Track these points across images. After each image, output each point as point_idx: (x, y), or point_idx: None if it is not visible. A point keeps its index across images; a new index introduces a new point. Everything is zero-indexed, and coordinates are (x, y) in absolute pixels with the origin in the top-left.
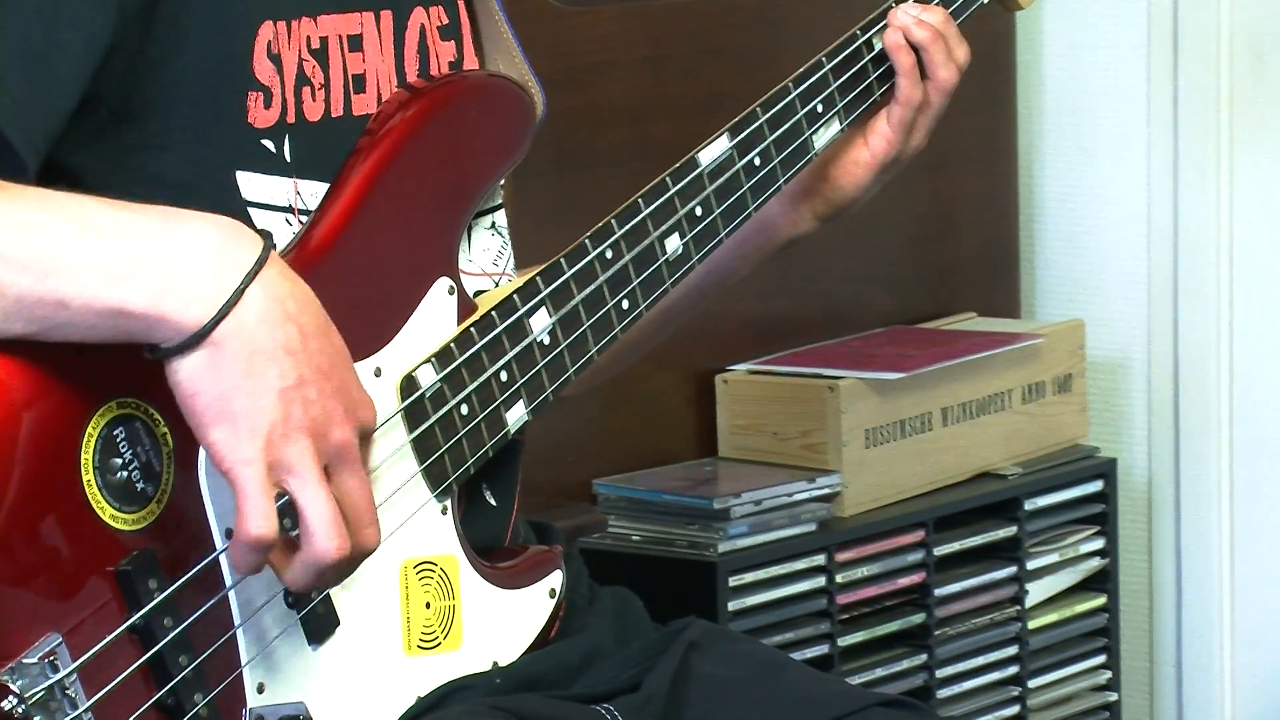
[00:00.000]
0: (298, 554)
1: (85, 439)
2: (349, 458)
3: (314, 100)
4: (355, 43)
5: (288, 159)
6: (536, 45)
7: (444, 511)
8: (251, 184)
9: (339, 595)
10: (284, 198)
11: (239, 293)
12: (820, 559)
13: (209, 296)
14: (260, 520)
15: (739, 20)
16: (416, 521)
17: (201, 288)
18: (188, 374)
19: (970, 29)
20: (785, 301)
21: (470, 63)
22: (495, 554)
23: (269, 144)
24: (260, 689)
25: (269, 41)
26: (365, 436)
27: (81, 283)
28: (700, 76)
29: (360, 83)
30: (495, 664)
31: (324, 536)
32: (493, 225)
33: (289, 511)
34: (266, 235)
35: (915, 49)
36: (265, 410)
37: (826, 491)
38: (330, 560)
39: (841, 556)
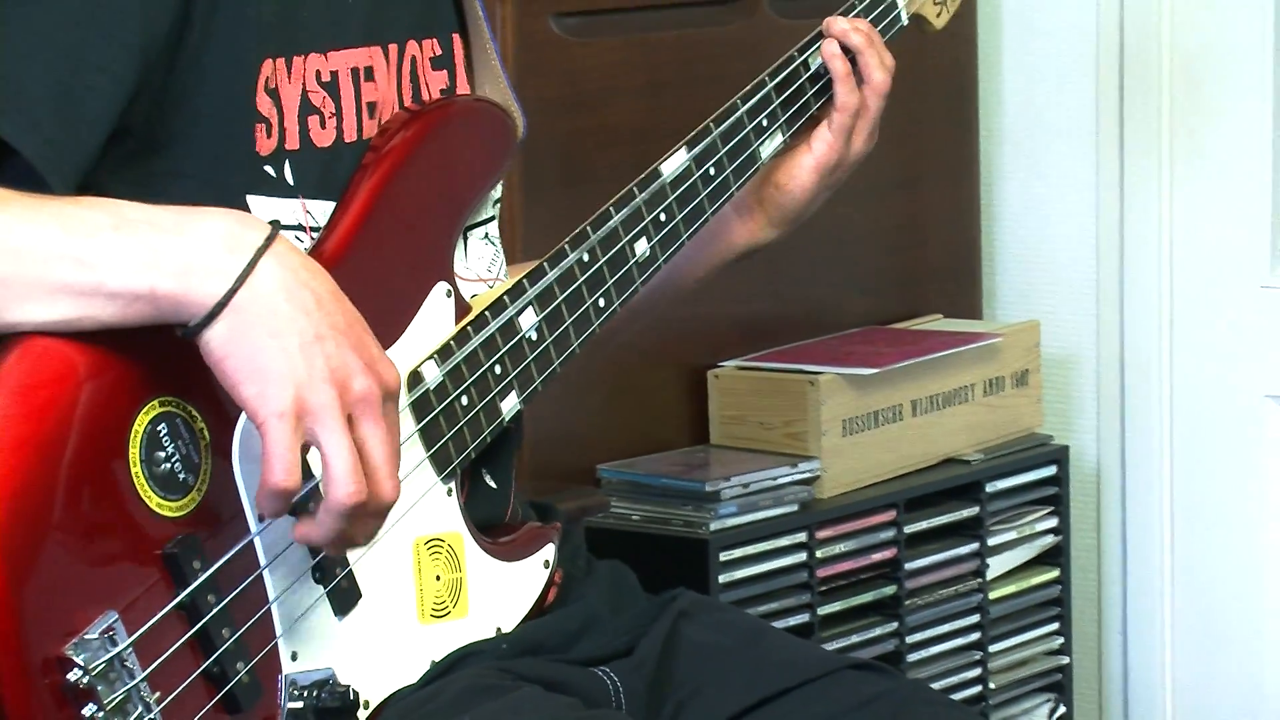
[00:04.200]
0: (321, 503)
1: (133, 434)
2: (371, 408)
3: (323, 128)
4: (369, 74)
5: (290, 182)
6: (547, 73)
7: (449, 493)
8: (261, 206)
9: (360, 570)
10: (293, 217)
11: (252, 264)
12: (802, 536)
13: (226, 270)
14: (283, 472)
15: (727, 51)
16: (426, 503)
17: (219, 263)
18: (218, 341)
19: (935, 59)
20: (771, 304)
21: (462, 89)
22: (496, 530)
23: (270, 169)
24: (294, 657)
25: (267, 78)
26: (389, 394)
27: (118, 270)
28: (693, 101)
29: (374, 109)
30: (499, 630)
31: (341, 482)
32: (486, 235)
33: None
34: (274, 222)
35: (850, 57)
36: (292, 364)
37: (807, 475)
38: (346, 505)
39: (821, 534)
